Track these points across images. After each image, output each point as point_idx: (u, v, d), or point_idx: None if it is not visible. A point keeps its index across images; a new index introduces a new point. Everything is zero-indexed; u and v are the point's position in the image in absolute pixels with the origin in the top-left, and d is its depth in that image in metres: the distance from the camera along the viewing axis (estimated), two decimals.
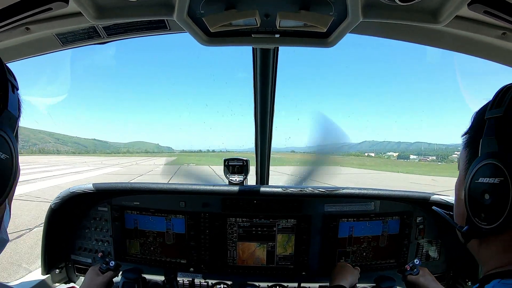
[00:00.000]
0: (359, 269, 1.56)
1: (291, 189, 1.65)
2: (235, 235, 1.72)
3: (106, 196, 1.75)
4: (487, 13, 0.75)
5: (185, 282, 1.71)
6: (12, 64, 1.11)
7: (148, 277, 1.66)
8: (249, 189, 1.69)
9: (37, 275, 1.68)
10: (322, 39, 0.99)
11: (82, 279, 1.78)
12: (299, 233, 1.69)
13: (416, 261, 1.46)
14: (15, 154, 0.53)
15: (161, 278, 1.64)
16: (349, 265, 1.55)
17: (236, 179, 1.74)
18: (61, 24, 0.94)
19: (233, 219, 1.70)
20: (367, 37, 1.12)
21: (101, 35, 1.06)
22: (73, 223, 1.78)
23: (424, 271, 1.47)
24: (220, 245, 1.72)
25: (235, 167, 1.76)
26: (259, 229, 1.71)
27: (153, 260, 1.76)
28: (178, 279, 1.69)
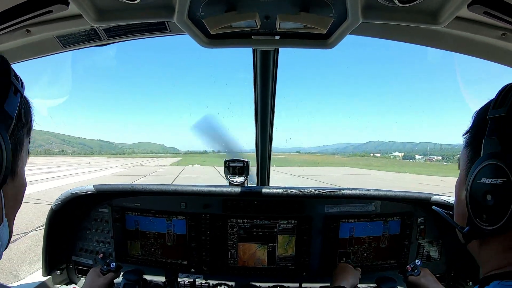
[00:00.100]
0: (360, 270, 1.56)
1: (292, 190, 1.65)
2: (236, 236, 1.71)
3: (107, 197, 1.75)
4: (487, 13, 0.75)
5: (186, 283, 1.71)
6: (12, 66, 1.11)
7: (149, 278, 1.66)
8: (249, 190, 1.69)
9: (38, 277, 1.68)
10: (322, 40, 0.99)
11: (83, 280, 1.78)
12: (300, 234, 1.69)
13: (417, 261, 1.46)
14: (6, 152, 0.51)
15: (162, 279, 1.64)
16: (350, 266, 1.55)
17: (236, 180, 1.74)
18: (61, 26, 0.94)
19: (234, 220, 1.70)
20: (367, 38, 1.12)
21: (102, 37, 1.06)
22: (74, 224, 1.79)
23: (425, 272, 1.47)
24: (221, 246, 1.72)
25: (235, 168, 1.76)
26: (260, 230, 1.70)
27: (154, 261, 1.76)
28: (179, 280, 1.69)
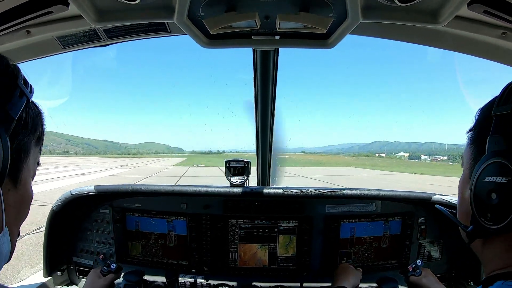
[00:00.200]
0: (361, 270, 1.55)
1: (292, 190, 1.64)
2: (237, 236, 1.71)
3: (107, 198, 1.75)
4: (486, 13, 0.75)
5: (187, 283, 1.71)
6: None
7: (150, 278, 1.66)
8: (250, 191, 1.69)
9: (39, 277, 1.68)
10: (322, 40, 0.99)
11: (84, 281, 1.78)
12: (301, 234, 1.69)
13: (418, 262, 1.46)
14: (3, 152, 0.50)
15: (163, 279, 1.63)
16: (351, 266, 1.55)
17: (237, 181, 1.74)
18: (61, 27, 0.94)
19: (235, 220, 1.70)
20: (367, 38, 1.12)
21: (102, 38, 1.06)
22: (75, 225, 1.79)
23: (426, 272, 1.46)
24: (221, 246, 1.72)
25: (236, 168, 1.76)
26: (261, 230, 1.70)
27: (154, 262, 1.76)
28: (180, 281, 1.69)
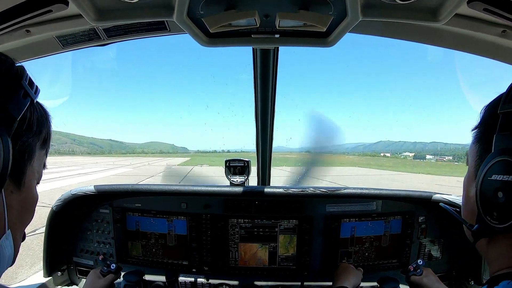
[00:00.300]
0: (362, 270, 1.55)
1: (293, 190, 1.64)
2: (237, 236, 1.71)
3: (107, 198, 1.75)
4: (486, 10, 0.74)
5: (187, 283, 1.71)
6: None
7: (150, 278, 1.66)
8: (250, 190, 1.69)
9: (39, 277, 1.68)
10: (321, 38, 0.99)
11: (84, 281, 1.78)
12: (301, 233, 1.69)
13: (419, 261, 1.46)
14: (3, 152, 0.49)
15: (163, 279, 1.63)
16: (352, 266, 1.54)
17: (237, 180, 1.74)
18: (61, 26, 0.94)
19: (235, 220, 1.70)
20: (367, 36, 1.12)
21: (101, 37, 1.06)
22: (75, 225, 1.78)
23: (427, 272, 1.46)
24: (222, 246, 1.72)
25: (236, 168, 1.76)
26: (261, 230, 1.70)
27: (155, 261, 1.75)
28: (180, 280, 1.69)
